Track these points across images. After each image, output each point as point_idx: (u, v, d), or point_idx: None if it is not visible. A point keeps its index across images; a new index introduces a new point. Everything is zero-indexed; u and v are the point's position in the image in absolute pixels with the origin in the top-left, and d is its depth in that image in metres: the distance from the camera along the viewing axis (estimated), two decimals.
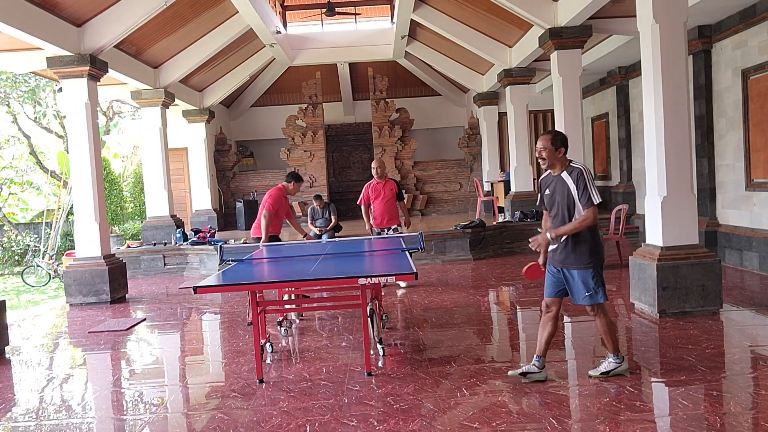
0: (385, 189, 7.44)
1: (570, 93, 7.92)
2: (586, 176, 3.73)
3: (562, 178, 3.81)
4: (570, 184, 3.76)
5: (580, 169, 3.76)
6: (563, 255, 3.85)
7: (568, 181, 3.77)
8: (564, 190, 3.79)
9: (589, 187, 3.71)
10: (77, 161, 7.84)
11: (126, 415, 3.91)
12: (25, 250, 15.71)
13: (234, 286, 4.49)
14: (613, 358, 3.94)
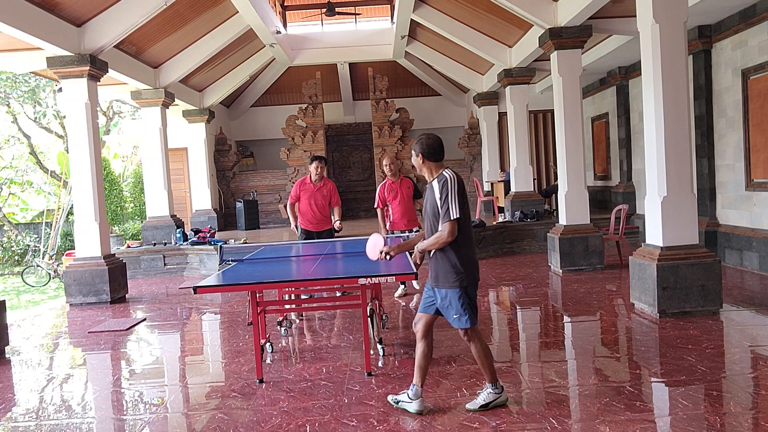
0: (402, 188, 6.88)
1: (570, 93, 7.92)
2: (449, 186, 3.31)
3: (432, 186, 3.44)
4: (435, 194, 3.38)
5: (445, 178, 3.36)
6: (432, 272, 3.48)
7: (435, 189, 3.40)
8: (431, 200, 3.43)
9: (450, 199, 3.29)
10: (77, 161, 7.84)
11: (126, 415, 3.91)
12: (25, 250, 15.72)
13: (234, 286, 4.49)
14: (492, 388, 3.50)
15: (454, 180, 3.35)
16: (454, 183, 3.33)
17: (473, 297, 3.41)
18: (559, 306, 6.41)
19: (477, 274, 3.45)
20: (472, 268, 3.41)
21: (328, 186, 6.72)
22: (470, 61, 12.38)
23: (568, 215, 8.08)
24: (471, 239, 3.43)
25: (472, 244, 3.45)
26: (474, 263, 3.43)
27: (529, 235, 10.44)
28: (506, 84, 10.59)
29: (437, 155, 3.47)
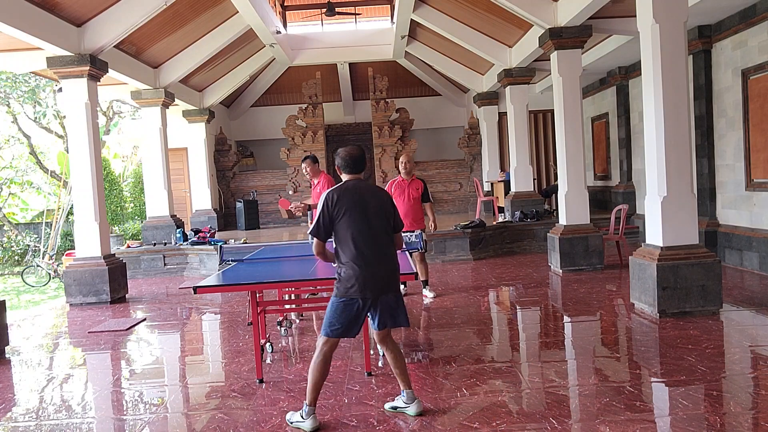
0: (410, 188, 6.79)
1: (570, 93, 7.92)
2: (322, 201, 3.39)
3: None
4: None
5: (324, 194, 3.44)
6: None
7: None
8: None
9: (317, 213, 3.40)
10: (77, 161, 7.84)
11: (126, 415, 3.91)
12: (25, 250, 15.71)
13: (234, 286, 4.49)
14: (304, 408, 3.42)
15: (330, 195, 3.37)
16: (329, 198, 3.36)
17: (349, 312, 3.32)
18: (559, 306, 6.41)
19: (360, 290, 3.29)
20: (345, 282, 3.32)
21: (321, 181, 6.54)
22: (470, 61, 12.38)
23: (568, 215, 8.08)
24: (355, 254, 3.31)
25: (359, 259, 3.30)
26: (347, 277, 3.31)
27: (529, 235, 10.44)
28: (506, 84, 10.59)
29: (347, 168, 3.50)
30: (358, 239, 3.32)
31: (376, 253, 3.34)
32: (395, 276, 3.46)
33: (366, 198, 3.39)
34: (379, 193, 3.52)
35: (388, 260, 3.41)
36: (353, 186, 3.42)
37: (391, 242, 3.48)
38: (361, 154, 3.52)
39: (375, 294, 3.33)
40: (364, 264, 3.31)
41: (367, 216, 3.35)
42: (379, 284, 3.34)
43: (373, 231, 3.36)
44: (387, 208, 3.47)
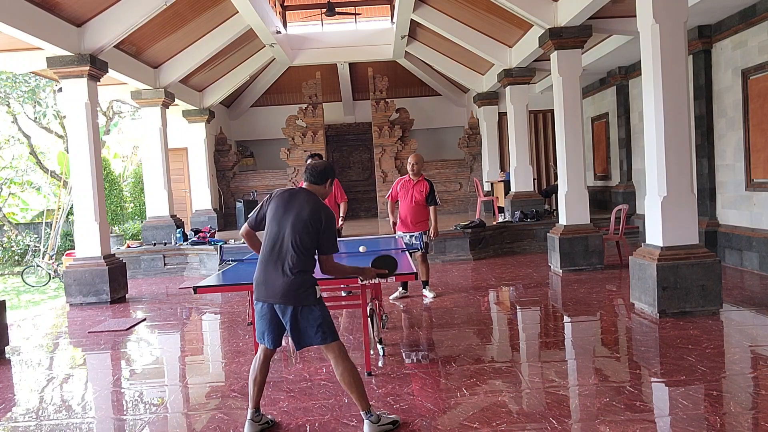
0: (415, 189, 6.62)
1: (570, 93, 7.92)
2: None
3: None
4: None
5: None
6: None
7: None
8: None
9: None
10: (77, 161, 7.84)
11: (126, 415, 3.91)
12: (25, 250, 15.71)
13: (234, 286, 4.49)
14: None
15: (272, 192, 3.48)
16: (268, 195, 3.48)
17: (258, 313, 3.35)
18: (559, 306, 6.41)
19: (256, 290, 3.33)
20: (254, 281, 3.35)
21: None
22: (470, 61, 12.38)
23: (568, 215, 8.08)
24: (261, 254, 3.37)
25: (261, 260, 3.34)
26: (255, 278, 3.34)
27: (529, 235, 10.43)
28: (506, 84, 10.59)
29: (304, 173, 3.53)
30: (267, 241, 3.33)
31: (275, 261, 3.26)
32: (288, 291, 3.21)
33: (291, 207, 3.32)
34: (313, 208, 3.29)
35: (282, 273, 3.23)
36: (290, 192, 3.42)
37: (301, 258, 3.24)
38: (322, 167, 3.48)
39: (269, 300, 3.26)
40: (261, 267, 3.32)
41: (281, 223, 3.30)
42: (271, 293, 3.24)
43: (281, 239, 3.27)
44: (312, 225, 3.26)
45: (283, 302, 3.23)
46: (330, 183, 3.51)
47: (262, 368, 3.40)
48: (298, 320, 3.26)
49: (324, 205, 3.39)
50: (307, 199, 3.36)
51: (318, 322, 3.27)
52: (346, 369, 3.29)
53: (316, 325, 3.27)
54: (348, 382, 3.28)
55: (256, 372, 3.39)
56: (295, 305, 3.23)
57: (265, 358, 3.40)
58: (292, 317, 3.25)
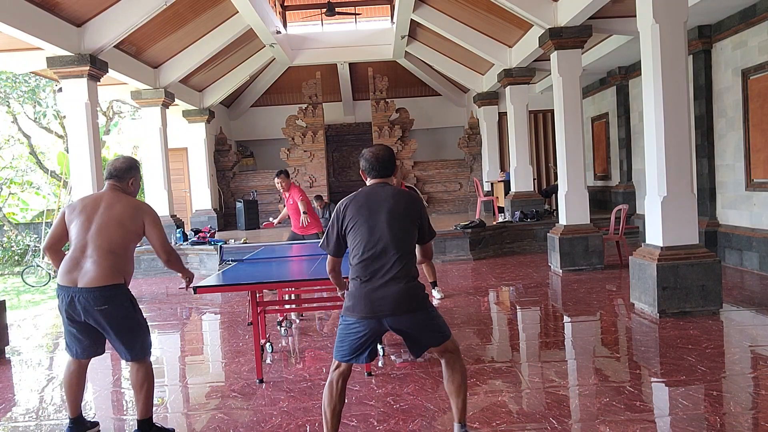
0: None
1: (570, 93, 7.92)
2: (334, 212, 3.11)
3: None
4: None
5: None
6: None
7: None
8: None
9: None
10: (77, 161, 7.84)
11: (126, 415, 3.91)
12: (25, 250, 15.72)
13: (234, 286, 4.49)
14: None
15: (338, 207, 2.99)
16: (336, 211, 2.98)
17: (349, 333, 2.88)
18: (559, 306, 6.41)
19: (358, 311, 2.84)
20: (353, 302, 2.88)
21: (293, 192, 7.44)
22: (470, 61, 12.38)
23: (568, 215, 8.08)
24: (357, 269, 2.90)
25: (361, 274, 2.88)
26: (356, 297, 2.87)
27: (529, 235, 10.43)
28: (506, 84, 10.59)
29: (371, 171, 3.03)
30: (363, 253, 2.86)
31: (383, 268, 2.84)
32: (406, 298, 2.85)
33: (378, 205, 2.90)
34: (399, 197, 2.95)
35: (398, 277, 2.84)
36: (366, 192, 2.97)
37: (409, 257, 2.91)
38: (387, 154, 3.04)
39: (378, 315, 2.83)
40: (365, 281, 2.86)
41: (376, 226, 2.86)
42: (381, 307, 2.82)
43: (383, 244, 2.85)
44: (408, 214, 2.93)
45: (398, 313, 2.82)
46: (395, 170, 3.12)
47: (342, 393, 2.94)
48: (417, 326, 2.88)
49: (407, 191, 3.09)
50: (389, 192, 2.96)
51: (437, 320, 2.96)
52: (463, 369, 3.00)
53: (435, 324, 2.94)
54: (460, 383, 2.96)
55: (335, 399, 2.91)
56: (415, 310, 2.85)
57: (345, 380, 2.95)
58: (412, 325, 2.87)
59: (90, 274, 3.08)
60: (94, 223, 3.15)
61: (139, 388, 3.23)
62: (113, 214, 3.17)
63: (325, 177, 14.29)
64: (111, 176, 3.29)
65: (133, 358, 3.22)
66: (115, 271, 3.13)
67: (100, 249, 3.12)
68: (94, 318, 3.12)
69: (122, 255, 3.18)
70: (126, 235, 3.19)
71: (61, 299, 3.16)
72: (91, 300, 3.07)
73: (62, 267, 3.16)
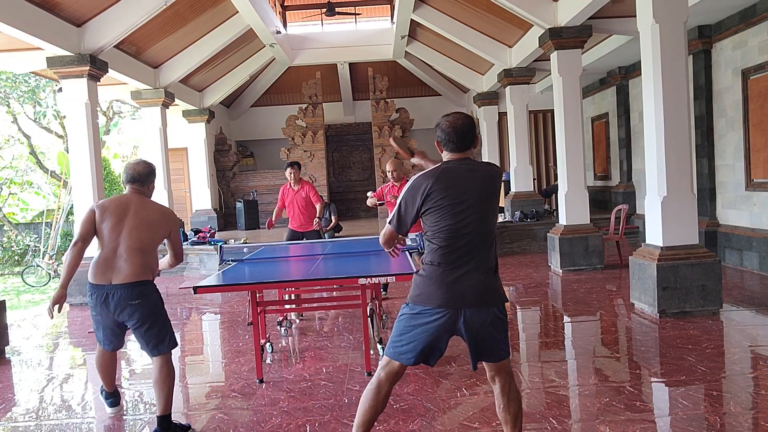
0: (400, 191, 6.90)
1: (570, 93, 7.92)
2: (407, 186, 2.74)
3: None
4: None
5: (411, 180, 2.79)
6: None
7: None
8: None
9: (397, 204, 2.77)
10: (77, 161, 7.84)
11: (126, 415, 3.90)
12: (25, 250, 15.71)
13: (234, 286, 4.49)
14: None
15: (416, 182, 2.62)
16: (413, 187, 2.62)
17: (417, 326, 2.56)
18: (559, 306, 6.41)
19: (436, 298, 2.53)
20: (430, 289, 2.55)
21: (305, 187, 7.10)
22: (470, 61, 12.38)
23: (568, 215, 8.08)
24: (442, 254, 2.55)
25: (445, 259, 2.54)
26: (434, 283, 2.54)
27: (529, 235, 10.43)
28: (506, 84, 10.59)
29: (450, 143, 2.64)
30: (449, 238, 2.53)
31: (471, 256, 2.54)
32: (493, 287, 2.57)
33: (467, 185, 2.55)
34: (487, 176, 2.63)
35: (485, 268, 2.56)
36: (450, 169, 2.58)
37: (495, 244, 2.64)
38: (467, 123, 2.64)
39: (459, 306, 2.51)
40: (449, 268, 2.53)
41: (465, 209, 2.53)
42: (469, 295, 2.51)
43: (472, 229, 2.53)
44: (495, 195, 2.64)
45: (480, 304, 2.53)
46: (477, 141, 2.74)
47: (388, 397, 2.64)
48: (491, 325, 2.56)
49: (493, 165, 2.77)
50: (479, 167, 2.63)
51: (506, 328, 2.65)
52: (519, 396, 2.70)
53: (504, 329, 2.63)
54: (517, 412, 2.66)
55: (381, 403, 2.62)
56: (496, 304, 2.58)
57: (394, 382, 2.63)
58: (487, 323, 2.55)
59: (124, 272, 3.28)
60: (125, 226, 3.34)
61: (163, 384, 3.33)
62: (143, 217, 3.38)
63: (325, 177, 14.29)
64: (134, 181, 3.45)
65: (161, 351, 3.36)
66: (145, 269, 3.35)
67: (131, 249, 3.32)
68: (128, 313, 3.31)
69: (151, 253, 3.42)
70: (154, 237, 3.44)
71: (95, 297, 3.32)
72: (125, 295, 3.27)
73: (95, 268, 3.32)
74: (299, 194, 7.08)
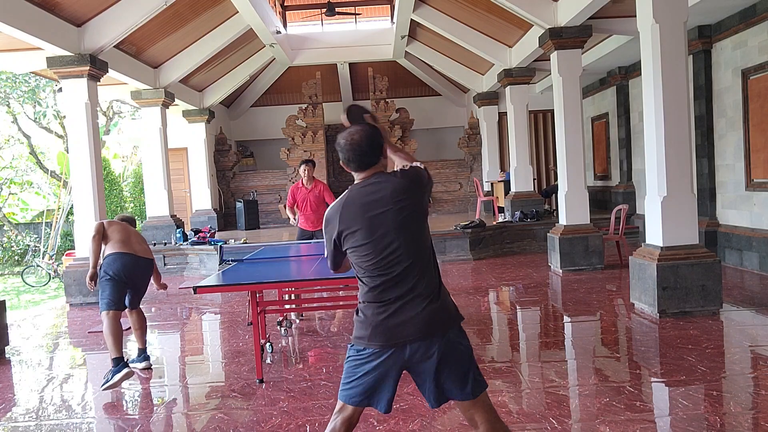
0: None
1: (570, 93, 7.92)
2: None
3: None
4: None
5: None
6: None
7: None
8: None
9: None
10: (77, 161, 7.84)
11: (126, 415, 3.91)
12: (25, 250, 15.72)
13: (234, 286, 4.49)
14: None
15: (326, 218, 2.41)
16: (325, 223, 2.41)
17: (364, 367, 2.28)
18: (559, 306, 6.41)
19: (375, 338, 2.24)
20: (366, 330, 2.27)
21: (319, 187, 7.08)
22: (470, 61, 12.38)
23: (568, 215, 8.08)
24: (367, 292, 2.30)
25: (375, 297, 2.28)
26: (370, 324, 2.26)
27: (529, 235, 10.43)
28: (506, 84, 10.59)
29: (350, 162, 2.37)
30: (372, 273, 2.27)
31: (402, 287, 2.25)
32: (437, 313, 2.28)
33: (377, 207, 2.26)
34: (399, 187, 2.29)
35: (423, 295, 2.27)
36: (357, 193, 2.32)
37: (430, 264, 2.32)
38: (367, 136, 2.34)
39: (400, 343, 2.23)
40: (381, 306, 2.26)
41: (382, 235, 2.24)
42: (410, 328, 2.22)
43: (396, 256, 2.24)
44: (416, 207, 2.30)
45: (426, 335, 2.23)
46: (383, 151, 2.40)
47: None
48: (449, 354, 2.25)
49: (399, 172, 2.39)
50: (381, 183, 2.31)
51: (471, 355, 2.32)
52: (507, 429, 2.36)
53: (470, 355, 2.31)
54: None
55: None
56: (447, 329, 2.29)
57: (350, 428, 2.37)
58: (442, 354, 2.24)
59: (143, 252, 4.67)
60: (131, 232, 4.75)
61: (141, 327, 4.77)
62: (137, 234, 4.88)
63: (325, 177, 14.27)
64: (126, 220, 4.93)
65: (139, 304, 4.80)
66: (150, 254, 4.77)
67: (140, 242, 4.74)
68: (139, 274, 4.63)
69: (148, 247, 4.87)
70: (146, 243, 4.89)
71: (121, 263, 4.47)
72: (142, 263, 4.63)
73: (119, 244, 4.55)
74: (312, 193, 7.00)
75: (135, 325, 4.73)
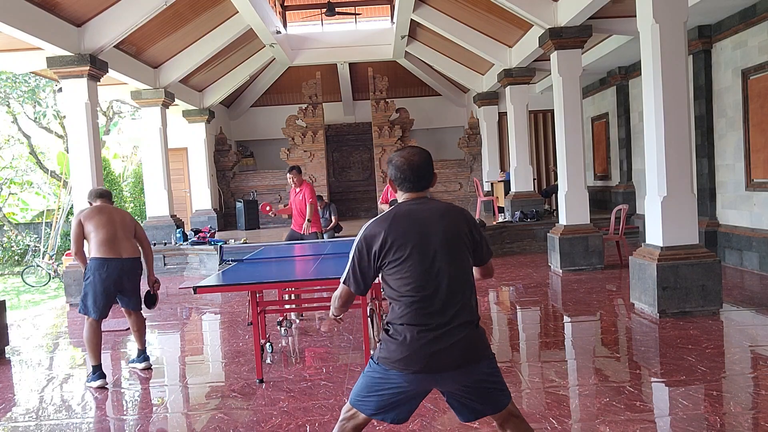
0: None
1: (570, 93, 7.92)
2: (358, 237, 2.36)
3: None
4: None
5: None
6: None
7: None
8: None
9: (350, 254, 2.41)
10: (77, 161, 7.84)
11: (126, 415, 3.91)
12: (25, 250, 15.72)
13: (234, 286, 4.49)
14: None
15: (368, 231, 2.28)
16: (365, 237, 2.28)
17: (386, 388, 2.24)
18: (559, 306, 6.41)
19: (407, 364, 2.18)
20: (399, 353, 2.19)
21: (303, 189, 7.24)
22: (470, 61, 12.38)
23: (568, 215, 8.08)
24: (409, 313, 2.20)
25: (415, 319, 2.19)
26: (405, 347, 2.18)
27: (529, 235, 10.43)
28: (506, 84, 10.58)
29: (405, 182, 2.34)
30: (416, 294, 2.19)
31: (446, 312, 2.19)
32: (476, 343, 2.23)
33: (428, 229, 2.23)
34: (452, 217, 2.29)
35: (465, 322, 2.21)
36: (407, 213, 2.27)
37: (473, 294, 2.29)
38: (425, 159, 2.34)
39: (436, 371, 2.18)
40: (423, 330, 2.18)
41: (431, 258, 2.20)
42: (449, 358, 2.18)
43: (442, 280, 2.20)
44: (465, 239, 2.29)
45: (463, 365, 2.20)
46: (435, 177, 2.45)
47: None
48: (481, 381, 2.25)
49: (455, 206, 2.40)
50: (438, 209, 2.30)
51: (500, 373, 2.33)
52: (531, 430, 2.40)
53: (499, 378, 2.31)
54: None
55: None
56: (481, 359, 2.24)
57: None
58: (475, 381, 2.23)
59: (129, 250, 4.52)
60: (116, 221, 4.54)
61: (140, 328, 4.74)
62: (123, 216, 4.67)
63: (325, 177, 14.28)
64: (104, 196, 4.70)
65: (140, 307, 4.70)
66: (137, 250, 4.64)
67: (126, 236, 4.56)
68: (128, 277, 4.52)
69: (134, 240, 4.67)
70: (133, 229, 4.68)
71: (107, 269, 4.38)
72: (129, 265, 4.50)
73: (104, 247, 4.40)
74: (298, 196, 7.22)
75: (134, 327, 4.72)
